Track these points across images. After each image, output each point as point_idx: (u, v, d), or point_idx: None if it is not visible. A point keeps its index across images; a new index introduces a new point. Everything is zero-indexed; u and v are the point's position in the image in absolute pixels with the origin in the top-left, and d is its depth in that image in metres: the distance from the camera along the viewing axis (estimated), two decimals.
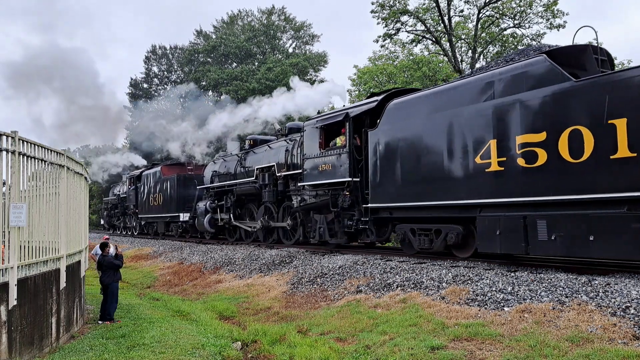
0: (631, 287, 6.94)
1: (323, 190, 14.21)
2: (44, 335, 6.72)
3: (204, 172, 23.09)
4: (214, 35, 46.95)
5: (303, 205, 15.34)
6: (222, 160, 21.77)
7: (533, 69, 8.94)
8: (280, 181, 16.68)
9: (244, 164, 19.43)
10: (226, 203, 20.72)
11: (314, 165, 14.43)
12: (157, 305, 11.81)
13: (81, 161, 10.56)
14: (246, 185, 18.88)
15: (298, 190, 15.58)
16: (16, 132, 6.17)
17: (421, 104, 11.24)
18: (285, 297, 11.00)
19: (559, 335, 6.11)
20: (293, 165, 16.14)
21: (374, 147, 12.31)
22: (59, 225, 7.81)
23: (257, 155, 18.80)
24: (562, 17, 28.02)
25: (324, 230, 14.24)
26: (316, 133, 14.48)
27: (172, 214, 25.85)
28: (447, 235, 10.68)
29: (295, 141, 16.33)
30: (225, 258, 16.40)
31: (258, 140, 19.87)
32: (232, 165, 20.42)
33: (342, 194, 13.32)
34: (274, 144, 18.07)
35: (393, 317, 7.89)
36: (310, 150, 14.70)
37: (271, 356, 7.34)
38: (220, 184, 20.90)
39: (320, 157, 14.19)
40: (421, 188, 10.98)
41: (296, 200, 15.70)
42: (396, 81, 28.54)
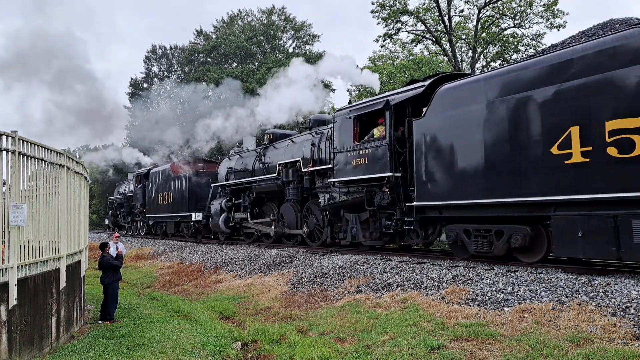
0: (631, 287, 6.94)
1: (356, 187, 13.03)
2: (44, 335, 6.72)
3: (218, 169, 22.05)
4: (214, 35, 46.96)
5: (332, 204, 14.08)
6: (238, 156, 20.59)
7: (628, 42, 7.69)
8: (306, 177, 15.40)
9: (264, 160, 18.20)
10: (244, 201, 19.39)
11: (347, 160, 13.18)
12: (157, 305, 11.81)
13: (81, 161, 10.56)
14: (267, 182, 17.66)
15: (326, 187, 14.45)
16: (16, 132, 6.17)
17: (480, 88, 9.91)
18: (285, 297, 11.00)
19: (559, 335, 6.11)
20: (320, 160, 15.03)
21: (421, 139, 10.97)
22: (59, 225, 7.82)
23: (278, 151, 17.62)
24: (562, 17, 28.04)
25: (357, 230, 13.07)
26: (349, 124, 13.15)
27: (183, 214, 24.54)
28: (510, 237, 9.49)
29: (322, 134, 15.23)
30: (225, 258, 16.39)
31: (278, 135, 18.73)
32: (249, 161, 19.27)
33: (379, 191, 12.15)
34: (298, 138, 16.85)
35: (393, 317, 7.89)
36: (342, 143, 13.43)
37: (271, 356, 7.34)
38: (238, 181, 19.56)
39: (354, 151, 12.91)
40: (480, 184, 9.75)
41: (323, 198, 14.56)
42: (396, 81, 28.55)
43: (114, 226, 38.12)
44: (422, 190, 11.00)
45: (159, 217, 28.03)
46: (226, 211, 20.24)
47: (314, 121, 16.69)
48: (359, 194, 12.97)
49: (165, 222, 27.51)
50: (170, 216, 26.29)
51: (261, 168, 18.25)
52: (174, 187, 25.72)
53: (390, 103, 12.01)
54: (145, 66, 51.06)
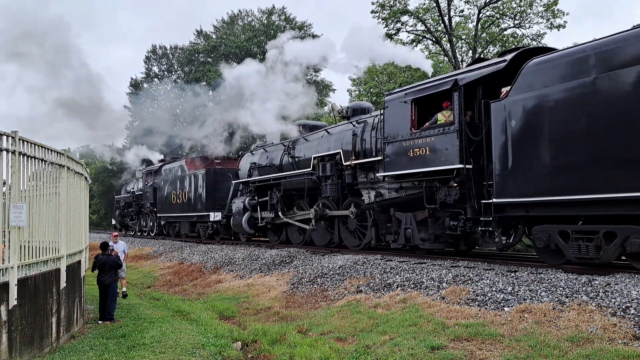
0: (631, 287, 6.94)
1: (411, 182, 11.54)
2: (44, 335, 6.72)
3: (240, 165, 20.27)
4: (214, 35, 46.96)
5: (379, 201, 12.55)
6: (262, 150, 18.95)
7: None
8: (348, 172, 13.80)
9: (293, 154, 16.55)
10: (271, 199, 17.62)
11: (401, 150, 11.44)
12: (157, 305, 11.82)
13: (81, 161, 10.57)
14: (299, 178, 15.98)
15: (371, 182, 12.99)
16: (16, 132, 6.17)
17: (586, 61, 8.23)
18: (285, 297, 11.00)
19: (559, 335, 6.11)
20: (364, 152, 13.40)
21: (502, 124, 9.30)
22: (59, 225, 7.81)
23: (310, 143, 16.04)
24: (562, 17, 28.04)
25: (413, 232, 11.48)
26: (405, 109, 11.41)
27: (200, 213, 22.73)
28: (626, 240, 7.83)
29: (365, 123, 13.69)
30: (226, 258, 16.40)
31: (309, 126, 17.35)
32: (276, 155, 17.67)
33: (443, 187, 10.65)
34: (334, 128, 15.29)
35: (393, 317, 7.89)
36: (394, 131, 11.68)
37: (271, 356, 7.34)
38: (264, 177, 17.91)
39: (411, 140, 11.20)
40: (585, 177, 8.13)
41: (368, 195, 13.09)
42: (396, 81, 28.55)
43: (122, 226, 36.58)
44: (503, 185, 9.32)
45: (171, 216, 26.29)
46: (250, 210, 18.52)
47: (352, 109, 15.30)
48: (415, 189, 11.51)
49: (179, 222, 25.81)
50: (185, 216, 24.48)
51: (290, 163, 16.64)
52: (189, 185, 23.93)
53: (460, 83, 10.34)
54: (145, 66, 51.10)
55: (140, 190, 31.77)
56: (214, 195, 22.31)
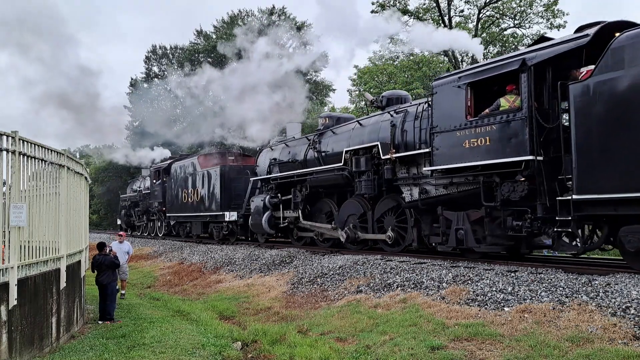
0: (631, 287, 6.94)
1: (464, 177, 10.38)
2: (44, 335, 6.72)
3: (258, 161, 19.13)
4: (214, 35, 46.98)
5: (425, 199, 11.36)
6: (282, 145, 17.77)
7: None
8: (388, 166, 12.43)
9: (319, 148, 15.35)
10: (294, 197, 16.37)
11: (454, 141, 10.26)
12: (157, 305, 11.82)
13: (81, 161, 10.57)
14: (328, 174, 14.67)
15: (415, 178, 11.81)
16: (16, 132, 6.17)
17: None
18: (285, 297, 11.00)
19: (559, 335, 6.11)
20: (405, 144, 12.12)
21: (585, 108, 8.19)
22: (59, 225, 7.82)
23: (339, 136, 14.84)
24: (562, 17, 28.05)
25: (466, 233, 10.28)
26: (459, 95, 10.27)
27: (214, 213, 21.41)
28: None
29: (405, 112, 12.41)
30: (226, 258, 16.40)
31: (336, 118, 16.15)
32: (299, 150, 16.47)
33: (507, 182, 9.44)
34: (368, 120, 14.04)
35: (393, 317, 7.89)
36: (446, 120, 10.51)
37: (271, 356, 7.34)
38: (287, 173, 16.56)
39: (466, 129, 10.03)
40: None
41: (409, 192, 11.91)
42: (396, 81, 28.56)
43: (128, 226, 35.13)
44: (586, 179, 8.17)
45: (182, 216, 24.98)
46: (270, 209, 17.17)
47: (388, 99, 14.02)
48: (469, 185, 10.36)
49: (190, 223, 24.48)
50: (197, 215, 23.10)
51: (316, 158, 15.44)
52: (202, 183, 22.61)
53: (529, 62, 9.15)
54: (145, 66, 51.12)
55: (147, 188, 30.55)
56: (229, 193, 21.06)
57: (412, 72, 28.48)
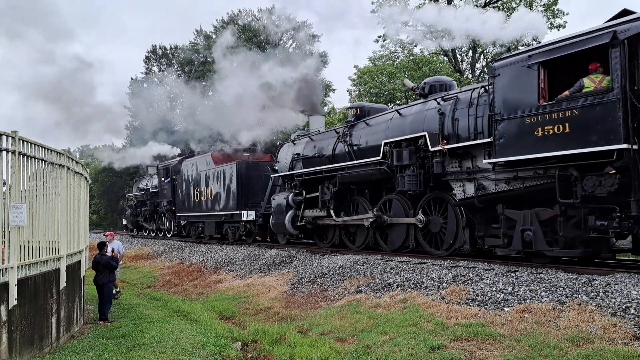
0: (631, 287, 6.95)
1: (533, 170, 9.17)
2: (44, 335, 6.72)
3: (278, 157, 17.95)
4: (214, 35, 47.00)
5: (482, 196, 10.25)
6: (307, 139, 16.62)
7: None
8: (437, 159, 11.22)
9: (350, 141, 14.21)
10: (322, 195, 15.08)
11: (523, 129, 9.08)
12: (157, 305, 11.82)
13: (81, 161, 10.57)
14: (363, 168, 13.43)
15: (469, 172, 10.70)
16: (16, 132, 6.17)
17: None
18: (285, 297, 11.00)
19: (559, 335, 6.12)
20: (456, 135, 10.99)
21: None
22: (59, 225, 7.82)
23: (374, 127, 13.72)
24: (562, 17, 28.06)
25: (535, 234, 9.12)
26: (530, 76, 9.12)
27: (230, 212, 20.27)
28: None
29: (456, 99, 11.27)
30: (226, 258, 16.40)
31: (367, 109, 15.01)
32: (326, 144, 15.34)
33: (591, 175, 8.26)
34: (408, 109, 12.90)
35: (393, 317, 7.89)
36: (512, 105, 9.36)
37: (271, 356, 7.34)
38: (314, 169, 15.35)
39: (539, 114, 8.84)
40: None
41: (462, 188, 10.80)
42: (396, 81, 28.55)
43: (134, 227, 34.08)
44: None
45: (193, 216, 23.80)
46: (294, 208, 16.00)
47: (431, 86, 12.79)
48: (539, 180, 9.21)
49: (203, 223, 23.24)
50: (211, 215, 21.97)
51: (347, 152, 14.30)
52: (216, 181, 21.50)
53: (621, 36, 7.93)
54: (145, 66, 51.13)
55: (155, 187, 29.42)
56: (246, 191, 19.91)
57: (412, 72, 28.45)
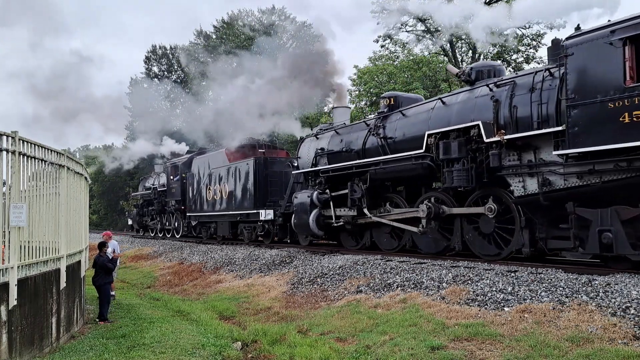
0: (631, 287, 6.95)
1: (614, 162, 8.16)
2: (44, 335, 6.72)
3: (300, 152, 16.74)
4: (214, 35, 47.03)
5: (549, 192, 9.18)
6: (332, 133, 15.47)
7: None
8: (494, 152, 10.03)
9: (385, 133, 13.04)
10: (351, 192, 13.92)
11: (607, 115, 8.05)
12: (157, 305, 11.82)
13: (81, 161, 10.57)
14: (400, 163, 12.22)
15: (531, 166, 9.59)
16: (16, 132, 6.17)
17: None
18: (285, 297, 11.00)
19: (559, 335, 6.12)
20: (515, 124, 9.86)
21: None
22: (59, 225, 7.82)
23: (411, 119, 12.56)
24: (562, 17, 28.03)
25: (617, 236, 8.11)
26: (613, 54, 8.10)
27: (247, 211, 19.20)
28: None
29: (513, 85, 10.13)
30: (226, 258, 16.40)
31: (401, 99, 13.87)
32: (355, 137, 14.24)
33: None
34: (454, 97, 11.74)
35: (393, 317, 7.89)
36: (589, 88, 8.35)
37: (271, 356, 7.34)
38: (342, 164, 14.18)
39: (625, 97, 7.83)
40: None
41: (520, 184, 9.76)
42: (396, 81, 28.55)
43: (140, 227, 32.93)
44: None
45: (205, 215, 22.68)
46: (319, 206, 14.96)
47: (478, 71, 11.60)
48: (623, 173, 8.14)
49: (215, 223, 22.21)
50: (225, 215, 20.94)
51: (380, 145, 13.15)
52: (231, 178, 20.39)
53: None
54: (145, 66, 51.15)
55: (163, 185, 28.30)
56: (264, 189, 18.83)
57: (412, 72, 28.45)
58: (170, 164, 27.61)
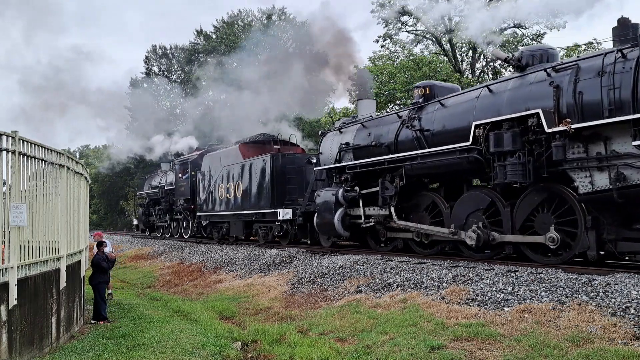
0: (631, 287, 6.95)
1: None
2: (44, 335, 6.72)
3: (321, 147, 15.70)
4: (214, 35, 47.05)
5: (626, 188, 8.16)
6: (357, 126, 14.48)
7: None
8: (557, 143, 8.88)
9: (420, 125, 11.99)
10: (383, 190, 12.84)
11: None
12: (157, 305, 11.83)
13: (81, 161, 10.57)
14: (442, 157, 11.19)
15: (600, 159, 8.53)
16: (16, 132, 6.17)
17: None
18: (285, 297, 11.00)
19: (559, 335, 6.12)
20: (580, 111, 8.83)
21: None
22: (59, 225, 7.82)
23: (451, 109, 11.50)
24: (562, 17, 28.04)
25: None
26: None
27: (262, 211, 18.21)
28: None
29: (576, 68, 9.05)
30: (226, 258, 16.40)
31: (437, 88, 12.76)
32: (386, 130, 13.18)
33: None
34: (501, 84, 10.66)
35: (393, 317, 7.89)
36: None
37: (271, 356, 7.35)
38: (373, 160, 13.16)
39: None
40: None
41: (587, 179, 8.64)
42: (396, 81, 28.55)
43: (146, 227, 31.98)
44: None
45: (217, 215, 21.70)
46: (345, 205, 14.02)
47: (530, 55, 10.47)
48: None
49: (228, 223, 21.19)
50: (238, 214, 19.96)
51: (415, 137, 12.11)
52: (245, 176, 19.39)
53: None
54: (146, 66, 51.14)
55: (171, 184, 27.39)
56: (282, 187, 17.76)
57: (412, 72, 28.44)
58: (178, 161, 26.73)
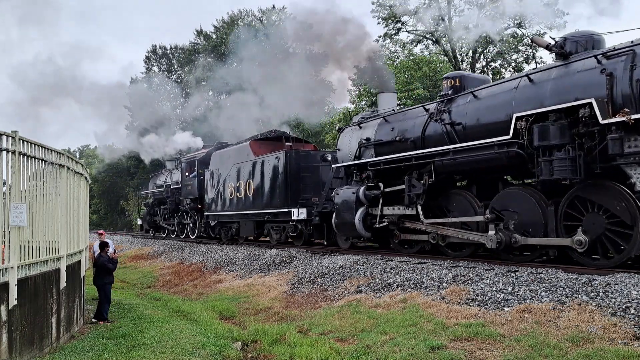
0: (631, 287, 6.94)
1: None
2: (44, 335, 6.72)
3: (339, 143, 14.91)
4: (214, 35, 47.05)
5: None
6: (379, 120, 13.66)
7: None
8: (613, 136, 8.13)
9: (451, 119, 11.22)
10: (409, 188, 11.94)
11: None
12: (157, 305, 11.83)
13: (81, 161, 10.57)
14: (477, 152, 10.32)
15: None
16: (16, 132, 6.17)
17: None
18: (285, 297, 11.00)
19: (560, 335, 6.12)
20: (638, 101, 8.13)
21: None
22: (59, 225, 7.82)
23: (485, 100, 10.72)
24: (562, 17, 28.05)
25: None
26: None
27: (275, 210, 17.48)
28: None
29: (632, 54, 8.36)
30: (226, 258, 16.40)
31: (468, 79, 12.03)
32: (411, 125, 12.38)
33: None
34: (543, 73, 9.84)
35: (393, 317, 7.89)
36: None
37: (271, 356, 7.35)
38: (399, 156, 12.19)
39: None
40: None
41: None
42: (396, 81, 28.55)
43: (150, 227, 31.19)
44: None
45: (226, 215, 20.93)
46: (366, 204, 13.23)
47: (574, 43, 9.60)
48: None
49: (237, 223, 20.42)
50: (249, 214, 19.18)
51: (445, 132, 11.33)
52: (257, 174, 18.62)
53: None
54: (145, 66, 51.15)
55: (177, 183, 26.73)
56: (296, 186, 17.01)
57: (412, 72, 28.43)
58: (185, 159, 26.12)
